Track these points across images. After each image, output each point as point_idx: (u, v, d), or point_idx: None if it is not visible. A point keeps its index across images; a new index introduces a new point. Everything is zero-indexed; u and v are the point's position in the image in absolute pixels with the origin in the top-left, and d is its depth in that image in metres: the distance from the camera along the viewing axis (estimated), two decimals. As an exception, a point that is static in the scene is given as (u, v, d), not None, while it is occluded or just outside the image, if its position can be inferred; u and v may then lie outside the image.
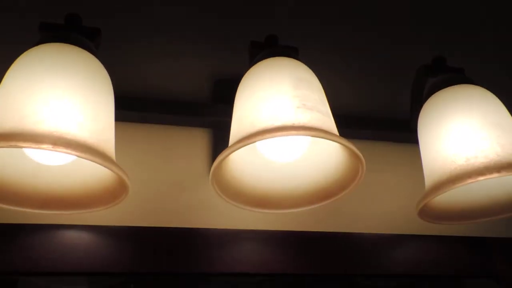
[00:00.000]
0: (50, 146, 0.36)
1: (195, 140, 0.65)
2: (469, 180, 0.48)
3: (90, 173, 0.47)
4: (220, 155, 0.45)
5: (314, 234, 0.60)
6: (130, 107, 0.62)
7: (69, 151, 0.37)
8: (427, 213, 0.57)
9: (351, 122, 0.69)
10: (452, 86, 0.57)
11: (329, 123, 0.47)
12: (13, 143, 0.36)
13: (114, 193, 0.46)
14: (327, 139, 0.43)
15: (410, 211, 0.63)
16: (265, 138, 0.43)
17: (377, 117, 0.72)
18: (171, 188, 0.60)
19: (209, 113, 0.65)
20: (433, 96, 0.59)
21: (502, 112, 0.54)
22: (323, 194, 0.53)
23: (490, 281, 0.61)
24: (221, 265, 0.55)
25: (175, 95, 0.68)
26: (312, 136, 0.42)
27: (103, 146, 0.41)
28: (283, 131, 0.42)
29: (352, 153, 0.46)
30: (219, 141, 0.65)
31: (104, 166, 0.39)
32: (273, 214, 0.59)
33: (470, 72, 0.64)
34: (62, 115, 0.40)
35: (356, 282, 0.60)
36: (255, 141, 0.43)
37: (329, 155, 0.52)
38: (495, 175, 0.46)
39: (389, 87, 0.77)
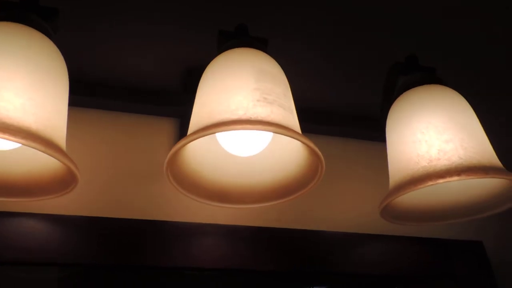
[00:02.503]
0: (-14, 130, 0.34)
1: (161, 130, 0.63)
2: (430, 183, 0.47)
3: (38, 160, 0.46)
4: (174, 145, 0.43)
5: (278, 230, 0.59)
6: (92, 93, 0.60)
7: (6, 136, 0.35)
8: (389, 213, 0.56)
9: (322, 118, 0.68)
10: (421, 86, 0.56)
11: (291, 119, 0.46)
12: None
13: (63, 182, 0.44)
14: (284, 135, 0.41)
15: (376, 211, 0.62)
16: (220, 131, 0.41)
17: (348, 114, 0.71)
18: (132, 179, 0.59)
19: (177, 102, 0.63)
20: (402, 95, 0.58)
21: (469, 114, 0.53)
22: (284, 191, 0.51)
23: (449, 283, 0.61)
24: (182, 259, 0.54)
25: (143, 82, 0.66)
26: (269, 131, 0.41)
27: (49, 133, 0.40)
28: (238, 124, 0.41)
29: (311, 151, 0.45)
30: (187, 132, 0.64)
31: (47, 154, 0.37)
32: (238, 209, 0.58)
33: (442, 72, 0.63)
34: (3, 98, 0.38)
35: (316, 281, 0.60)
36: (210, 134, 0.41)
37: (290, 152, 0.50)
38: (455, 178, 0.46)
39: (362, 84, 0.76)
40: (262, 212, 0.61)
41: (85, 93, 0.60)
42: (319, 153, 0.43)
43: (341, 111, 0.71)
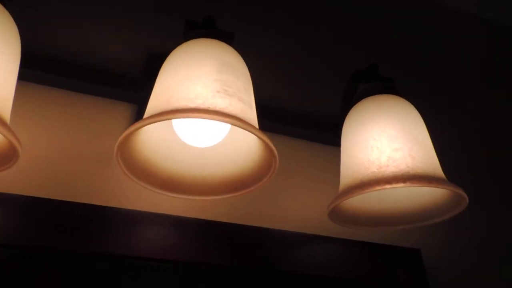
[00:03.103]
0: None
1: (117, 115, 0.61)
2: (377, 187, 0.49)
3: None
4: (127, 129, 0.42)
5: (228, 225, 0.59)
6: (46, 69, 0.57)
7: None
8: (337, 215, 0.58)
9: (279, 117, 0.69)
10: (378, 95, 0.58)
11: (249, 113, 0.46)
12: None
13: (3, 156, 0.42)
14: (241, 127, 0.41)
15: (325, 213, 0.64)
16: (177, 118, 0.41)
17: (308, 116, 0.72)
18: (81, 161, 0.56)
19: (137, 88, 0.62)
20: (359, 102, 0.59)
21: (419, 126, 0.55)
22: (236, 185, 0.51)
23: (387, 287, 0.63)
24: (125, 248, 0.52)
25: (103, 64, 0.63)
26: (225, 122, 0.41)
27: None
28: (196, 112, 0.41)
29: (266, 147, 0.45)
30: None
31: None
32: (189, 200, 0.57)
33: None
34: None
35: (259, 279, 0.60)
36: (165, 119, 0.40)
37: (245, 147, 0.50)
38: (401, 185, 0.48)
39: (325, 88, 0.78)
40: (213, 206, 0.61)
41: (37, 68, 0.57)
42: (274, 149, 0.44)
43: (300, 112, 0.72)
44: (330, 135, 0.71)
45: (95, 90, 0.61)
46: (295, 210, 0.66)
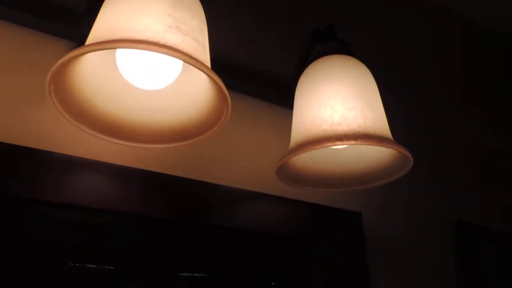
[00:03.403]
0: None
1: (54, 51, 0.55)
2: (328, 144, 0.48)
3: None
4: (61, 58, 0.37)
5: (173, 178, 0.56)
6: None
7: None
8: (285, 174, 0.57)
9: (238, 73, 0.67)
10: (334, 55, 0.57)
11: (202, 54, 0.42)
12: None
13: None
14: (193, 65, 0.38)
15: (272, 172, 0.63)
16: (120, 47, 0.37)
17: (263, 75, 0.70)
18: (10, 98, 0.51)
19: (77, 23, 0.56)
20: (315, 61, 0.58)
21: (373, 88, 0.55)
22: (183, 134, 0.48)
23: (327, 248, 0.64)
24: (56, 194, 0.48)
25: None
26: (178, 58, 0.37)
27: None
28: (144, 44, 0.37)
29: (219, 92, 0.43)
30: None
31: None
32: (131, 148, 0.53)
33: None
34: None
35: (200, 234, 0.58)
36: (107, 48, 0.37)
37: (196, 92, 0.47)
38: (352, 142, 0.48)
39: (285, 49, 0.76)
40: (157, 156, 0.57)
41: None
42: (227, 94, 0.41)
43: (255, 70, 0.70)
44: (283, 96, 0.69)
45: (30, 21, 0.54)
46: (242, 168, 0.64)
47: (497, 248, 0.84)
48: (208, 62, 0.43)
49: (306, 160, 0.58)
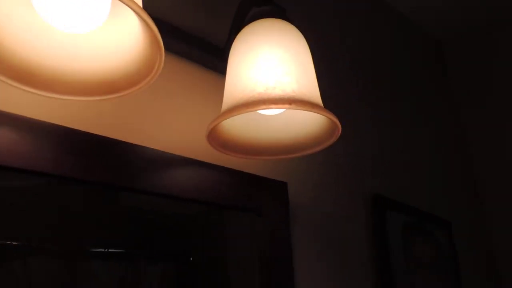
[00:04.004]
0: None
1: None
2: (263, 106, 0.48)
3: None
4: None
5: (94, 136, 0.52)
6: None
7: None
8: (216, 139, 0.56)
9: (170, 32, 0.63)
10: (269, 19, 0.56)
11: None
12: None
13: None
14: (125, 3, 0.34)
15: (202, 138, 0.61)
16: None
17: (197, 37, 0.67)
18: None
19: None
20: (249, 25, 0.57)
21: (307, 54, 0.56)
22: (108, 87, 0.44)
23: (253, 216, 0.65)
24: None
25: None
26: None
27: None
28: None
29: (152, 38, 0.39)
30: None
31: None
32: (45, 98, 0.47)
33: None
34: None
35: (119, 199, 0.55)
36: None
37: (125, 38, 0.42)
38: (286, 106, 0.48)
39: (220, 11, 0.73)
40: (78, 110, 0.53)
41: None
42: (160, 39, 0.38)
43: (190, 32, 0.67)
44: (218, 60, 0.67)
45: None
46: (170, 131, 0.61)
47: (402, 218, 0.93)
48: (140, 3, 0.40)
49: (237, 127, 0.57)
